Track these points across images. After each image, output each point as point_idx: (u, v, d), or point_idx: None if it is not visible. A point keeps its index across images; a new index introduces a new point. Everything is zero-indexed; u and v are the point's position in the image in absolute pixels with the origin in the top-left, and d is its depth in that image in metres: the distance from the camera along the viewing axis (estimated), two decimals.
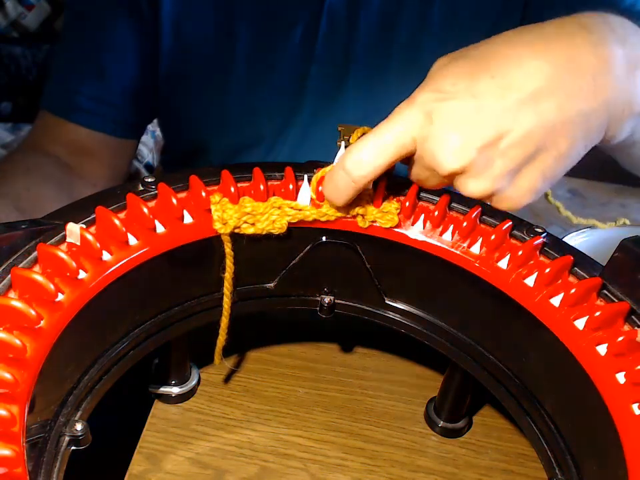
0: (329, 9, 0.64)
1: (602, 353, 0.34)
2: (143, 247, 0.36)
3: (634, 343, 0.33)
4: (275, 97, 0.68)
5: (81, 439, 0.32)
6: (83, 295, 0.33)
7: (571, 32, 0.37)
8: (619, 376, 0.33)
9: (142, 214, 0.36)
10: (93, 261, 0.34)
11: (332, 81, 0.67)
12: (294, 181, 0.40)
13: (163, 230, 0.37)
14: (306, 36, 0.65)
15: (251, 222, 0.39)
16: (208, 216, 0.38)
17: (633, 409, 0.31)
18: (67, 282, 0.32)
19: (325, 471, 0.45)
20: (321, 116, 0.69)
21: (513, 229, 0.40)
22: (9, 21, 1.60)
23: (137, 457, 0.45)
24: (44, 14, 1.62)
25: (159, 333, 0.41)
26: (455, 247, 0.40)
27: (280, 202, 0.39)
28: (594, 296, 0.36)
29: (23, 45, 1.61)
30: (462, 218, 0.40)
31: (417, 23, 0.66)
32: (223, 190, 0.39)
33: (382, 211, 0.40)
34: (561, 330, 0.35)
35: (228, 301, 0.41)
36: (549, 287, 0.37)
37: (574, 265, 0.38)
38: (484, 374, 0.42)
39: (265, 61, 0.67)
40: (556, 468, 0.37)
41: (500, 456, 0.48)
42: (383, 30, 0.66)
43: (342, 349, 0.56)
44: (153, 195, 0.38)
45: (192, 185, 0.39)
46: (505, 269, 0.38)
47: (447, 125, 0.34)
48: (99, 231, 0.35)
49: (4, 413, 0.25)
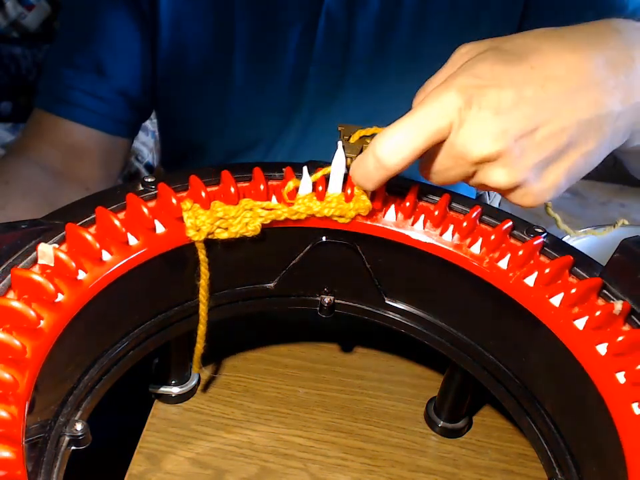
0: (327, 9, 0.64)
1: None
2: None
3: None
4: (274, 97, 0.68)
5: (80, 438, 0.32)
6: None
7: (605, 34, 0.37)
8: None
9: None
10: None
11: (331, 81, 0.67)
12: (264, 181, 0.40)
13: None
14: (304, 36, 0.65)
15: (224, 226, 0.38)
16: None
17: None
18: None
19: (325, 471, 0.45)
20: (320, 116, 0.69)
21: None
22: (9, 21, 1.60)
23: (137, 457, 0.45)
24: (44, 14, 1.62)
25: (158, 333, 0.41)
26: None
27: (251, 203, 0.39)
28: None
29: (23, 45, 1.60)
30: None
31: (416, 22, 0.66)
32: (193, 196, 0.38)
33: (356, 201, 0.40)
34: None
35: (204, 308, 0.40)
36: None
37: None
38: (484, 374, 0.42)
39: (264, 61, 0.67)
40: (556, 468, 0.37)
41: (500, 456, 0.48)
42: (382, 30, 0.66)
43: (342, 349, 0.56)
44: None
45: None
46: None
47: (486, 111, 0.34)
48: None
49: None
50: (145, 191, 0.38)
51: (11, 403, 0.27)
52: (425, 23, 0.66)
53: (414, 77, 0.68)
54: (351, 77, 0.67)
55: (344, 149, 0.41)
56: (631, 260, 0.36)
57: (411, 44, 0.66)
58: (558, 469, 0.37)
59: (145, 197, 0.38)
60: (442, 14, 0.65)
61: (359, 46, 0.66)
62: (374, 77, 0.68)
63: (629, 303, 0.35)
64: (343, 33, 0.65)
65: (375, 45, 0.66)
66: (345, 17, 0.65)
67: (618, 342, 0.33)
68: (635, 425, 0.30)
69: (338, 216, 0.40)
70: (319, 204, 0.40)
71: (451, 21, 0.66)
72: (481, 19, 0.66)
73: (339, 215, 0.40)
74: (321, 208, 0.40)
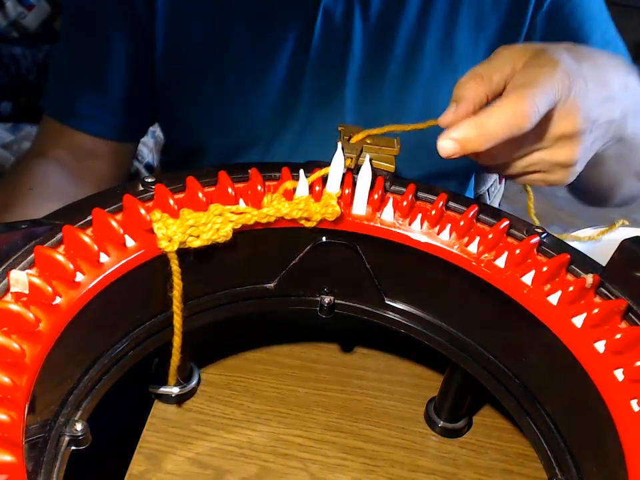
0: (324, 10, 0.64)
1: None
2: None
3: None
4: (272, 98, 0.68)
5: (80, 438, 0.32)
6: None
7: (619, 65, 0.48)
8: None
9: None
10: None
11: (329, 81, 0.67)
12: (232, 184, 0.39)
13: None
14: (302, 36, 0.65)
15: (195, 234, 0.37)
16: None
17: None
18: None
19: (325, 471, 0.45)
20: (318, 116, 0.69)
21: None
22: (8, 21, 1.60)
23: (137, 457, 0.45)
24: (44, 14, 1.62)
25: (158, 333, 0.41)
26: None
27: (220, 208, 0.37)
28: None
29: (23, 44, 1.60)
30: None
31: (417, 23, 0.66)
32: (161, 205, 0.37)
33: (324, 206, 0.40)
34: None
35: (179, 319, 0.39)
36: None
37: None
38: (484, 374, 0.42)
39: (261, 61, 0.67)
40: (556, 468, 0.37)
41: (500, 456, 0.48)
42: (382, 30, 0.66)
43: (342, 349, 0.56)
44: (153, 195, 0.38)
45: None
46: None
47: (578, 96, 0.41)
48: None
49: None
50: (145, 191, 0.38)
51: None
52: (427, 23, 0.66)
53: (414, 77, 0.68)
54: (350, 77, 0.67)
55: (343, 149, 0.41)
56: (630, 260, 0.36)
57: (411, 44, 0.66)
58: (558, 469, 0.37)
59: (144, 197, 0.38)
60: (444, 15, 0.65)
61: (357, 46, 0.66)
62: (374, 78, 0.67)
63: (598, 276, 0.36)
64: (342, 32, 0.65)
65: (375, 45, 0.66)
66: (343, 18, 0.65)
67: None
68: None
69: (305, 218, 0.40)
70: (287, 206, 0.39)
71: (453, 23, 0.66)
72: (485, 22, 0.66)
73: (306, 217, 0.40)
74: (289, 210, 0.39)
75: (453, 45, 0.67)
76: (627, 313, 0.35)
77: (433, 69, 0.67)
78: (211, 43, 0.66)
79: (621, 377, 0.32)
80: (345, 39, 0.66)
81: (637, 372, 0.32)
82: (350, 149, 0.42)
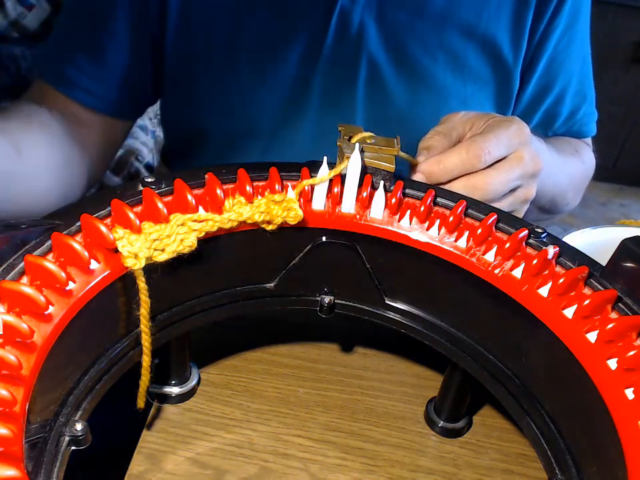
0: (340, 9, 0.64)
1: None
2: None
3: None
4: (281, 92, 0.68)
5: (80, 438, 0.32)
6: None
7: (542, 140, 0.63)
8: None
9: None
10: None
11: (340, 81, 0.67)
12: (190, 191, 0.38)
13: None
14: (315, 34, 0.65)
15: (160, 248, 0.35)
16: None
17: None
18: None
19: (325, 471, 0.45)
20: (327, 116, 0.69)
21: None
22: (8, 21, 1.60)
23: (136, 457, 0.45)
24: (44, 14, 1.62)
25: (158, 333, 0.41)
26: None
27: (182, 218, 0.36)
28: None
29: (23, 44, 1.60)
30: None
31: (438, 26, 0.66)
32: (120, 221, 0.35)
33: (285, 209, 0.39)
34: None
35: (147, 338, 0.37)
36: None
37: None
38: (484, 374, 0.42)
39: (272, 51, 0.67)
40: (556, 468, 0.37)
41: (500, 456, 0.48)
42: (396, 34, 0.66)
43: (342, 349, 0.56)
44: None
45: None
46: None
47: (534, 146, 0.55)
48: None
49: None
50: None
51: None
52: (445, 27, 0.66)
53: (425, 83, 0.68)
54: (361, 79, 0.67)
55: (342, 150, 0.41)
56: (630, 260, 0.36)
57: (429, 50, 0.67)
58: (558, 469, 0.37)
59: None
60: (462, 27, 0.66)
61: (370, 49, 0.66)
62: (385, 81, 0.67)
63: (616, 290, 0.35)
64: (355, 34, 0.65)
65: (388, 48, 0.66)
66: (359, 19, 0.65)
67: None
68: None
69: (267, 222, 0.39)
70: (249, 209, 0.38)
71: (473, 30, 0.67)
72: (498, 42, 0.68)
73: (268, 220, 0.39)
74: (251, 214, 0.38)
75: (465, 58, 0.68)
76: (616, 304, 0.35)
77: (445, 77, 0.68)
78: (222, 28, 0.66)
79: (620, 375, 0.32)
80: (358, 41, 0.66)
81: (631, 362, 0.32)
82: (350, 149, 0.42)
